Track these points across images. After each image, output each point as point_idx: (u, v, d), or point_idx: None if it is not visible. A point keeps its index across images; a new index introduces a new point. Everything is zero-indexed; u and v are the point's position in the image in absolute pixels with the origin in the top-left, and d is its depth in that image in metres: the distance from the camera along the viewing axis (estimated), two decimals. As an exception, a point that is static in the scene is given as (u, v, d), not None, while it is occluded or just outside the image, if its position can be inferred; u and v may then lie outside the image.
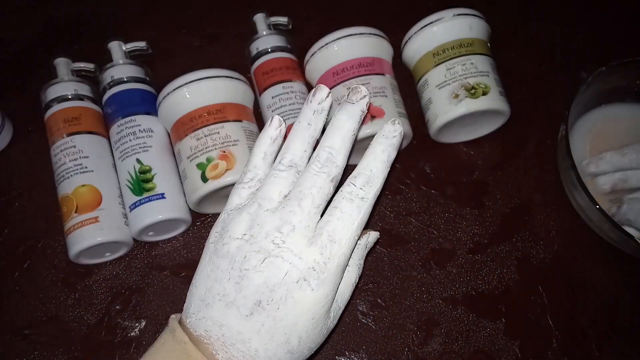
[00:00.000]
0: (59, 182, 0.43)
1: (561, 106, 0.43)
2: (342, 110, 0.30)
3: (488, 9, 0.47)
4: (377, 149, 0.30)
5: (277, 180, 0.29)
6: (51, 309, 0.42)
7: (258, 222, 0.28)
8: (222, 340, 0.27)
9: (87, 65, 0.49)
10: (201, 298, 0.28)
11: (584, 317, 0.42)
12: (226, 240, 0.29)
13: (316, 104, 0.30)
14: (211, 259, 0.29)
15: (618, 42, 0.53)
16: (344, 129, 0.30)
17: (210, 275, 0.28)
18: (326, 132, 0.30)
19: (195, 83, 0.42)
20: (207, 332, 0.28)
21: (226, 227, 0.29)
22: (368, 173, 0.29)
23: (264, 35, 0.48)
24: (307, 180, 0.29)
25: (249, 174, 0.31)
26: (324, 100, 0.30)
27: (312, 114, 0.30)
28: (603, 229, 0.42)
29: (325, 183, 0.29)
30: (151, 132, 0.44)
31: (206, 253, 0.30)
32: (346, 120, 0.30)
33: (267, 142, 0.31)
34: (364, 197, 0.29)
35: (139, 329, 0.42)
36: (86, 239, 0.40)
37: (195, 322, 0.28)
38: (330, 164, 0.29)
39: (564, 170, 0.44)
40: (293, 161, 0.30)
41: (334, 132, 0.30)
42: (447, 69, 0.44)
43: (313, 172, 0.29)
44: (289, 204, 0.28)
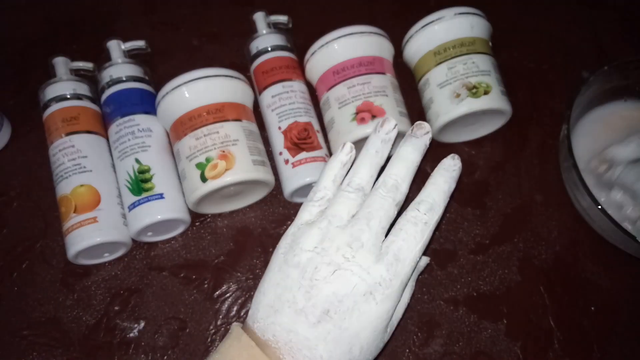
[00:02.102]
0: (57, 182, 0.42)
1: (562, 106, 0.43)
2: (407, 142, 0.33)
3: (489, 8, 0.47)
4: (439, 180, 0.32)
5: (346, 201, 0.32)
6: (50, 309, 0.42)
7: (329, 237, 0.30)
8: (290, 346, 0.29)
9: (86, 65, 0.48)
10: (270, 304, 0.30)
11: (586, 317, 0.42)
12: (297, 251, 0.31)
13: (384, 134, 0.33)
14: (281, 268, 0.31)
15: (619, 41, 0.53)
16: (408, 160, 0.32)
17: (280, 284, 0.30)
18: (392, 161, 0.33)
19: (194, 82, 0.42)
20: (275, 337, 0.29)
21: (297, 239, 0.31)
22: (431, 201, 0.32)
23: (263, 34, 0.47)
24: (375, 202, 0.31)
25: (319, 194, 0.33)
26: (391, 131, 0.33)
27: (380, 142, 0.33)
28: (605, 229, 0.41)
29: (390, 207, 0.31)
30: (150, 131, 0.43)
31: (275, 262, 0.32)
32: (411, 152, 0.33)
33: (337, 166, 0.34)
34: (427, 222, 0.31)
35: (137, 329, 0.41)
36: (85, 239, 0.40)
37: (264, 326, 0.30)
38: (395, 190, 0.32)
39: (565, 170, 0.43)
40: (361, 185, 0.32)
41: (399, 162, 0.32)
42: (448, 68, 0.44)
43: (380, 195, 0.31)
44: (358, 223, 0.31)
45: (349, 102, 0.43)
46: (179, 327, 0.41)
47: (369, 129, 0.42)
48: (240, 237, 0.45)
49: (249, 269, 0.43)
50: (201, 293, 0.43)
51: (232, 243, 0.45)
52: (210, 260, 0.44)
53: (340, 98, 0.44)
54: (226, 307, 0.42)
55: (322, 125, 0.46)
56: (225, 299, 0.42)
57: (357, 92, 0.43)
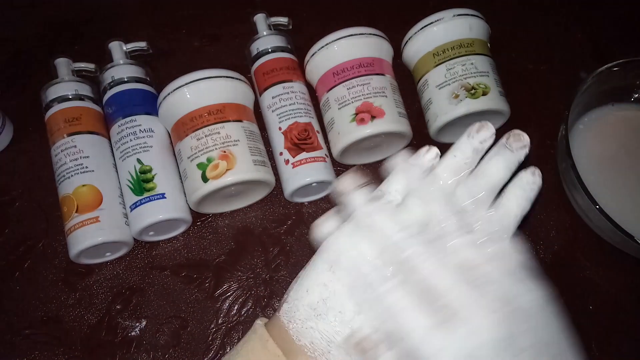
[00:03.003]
0: (59, 182, 0.43)
1: (561, 106, 0.43)
2: (501, 156, 0.28)
3: (488, 10, 0.47)
4: (512, 201, 0.28)
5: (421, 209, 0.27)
6: (52, 308, 0.43)
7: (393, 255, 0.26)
8: (327, 357, 0.26)
9: (88, 66, 0.49)
10: (312, 306, 0.26)
11: (584, 317, 0.42)
12: (357, 257, 0.26)
13: (477, 142, 0.29)
14: (332, 269, 0.27)
15: (618, 42, 0.53)
16: (497, 177, 0.28)
17: (329, 286, 0.26)
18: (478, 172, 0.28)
19: (195, 83, 0.42)
20: (312, 345, 0.26)
21: (360, 239, 0.27)
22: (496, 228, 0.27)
23: (264, 35, 0.48)
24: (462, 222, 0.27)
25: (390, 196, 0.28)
26: (487, 140, 0.29)
27: (472, 152, 0.29)
28: (603, 229, 0.42)
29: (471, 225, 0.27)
30: (152, 132, 0.44)
31: (324, 256, 0.27)
32: (503, 170, 0.28)
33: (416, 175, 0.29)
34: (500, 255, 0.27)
35: (139, 328, 0.42)
36: (87, 238, 0.40)
37: (302, 330, 0.26)
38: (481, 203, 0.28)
39: (563, 171, 0.44)
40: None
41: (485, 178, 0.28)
42: (447, 69, 0.44)
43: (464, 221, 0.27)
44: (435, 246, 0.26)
45: (349, 102, 0.43)
46: (180, 326, 0.42)
47: (368, 129, 0.42)
48: (241, 236, 0.45)
49: (250, 268, 0.44)
50: (202, 292, 0.43)
51: (233, 242, 0.45)
52: (211, 260, 0.44)
53: (340, 99, 0.44)
54: (227, 306, 0.42)
55: (322, 125, 0.46)
56: (226, 298, 0.43)
57: (357, 93, 0.43)
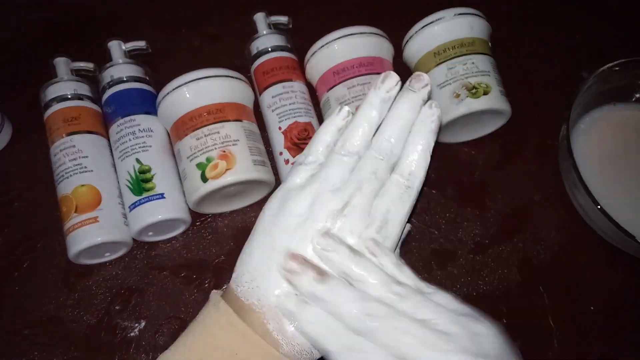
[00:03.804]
0: (58, 182, 0.43)
1: (562, 106, 0.43)
2: (403, 98, 0.30)
3: (489, 9, 0.47)
4: (417, 137, 0.30)
5: (339, 164, 0.30)
6: (51, 309, 0.42)
7: (319, 200, 0.29)
8: (275, 311, 0.27)
9: (87, 65, 0.48)
10: (255, 267, 0.28)
11: (585, 317, 0.42)
12: (286, 215, 0.29)
13: (384, 92, 0.30)
14: (268, 231, 0.29)
15: (619, 42, 0.53)
16: (404, 119, 0.30)
17: (267, 247, 0.29)
18: (386, 119, 0.30)
19: (195, 82, 0.42)
20: (259, 301, 0.28)
21: (286, 202, 0.30)
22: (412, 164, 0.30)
23: (264, 34, 0.47)
24: (368, 166, 0.29)
25: (310, 157, 0.31)
26: (392, 89, 0.30)
27: (379, 102, 0.30)
28: (604, 229, 0.41)
29: (384, 170, 0.30)
30: (151, 131, 0.44)
31: (261, 225, 0.30)
32: (408, 110, 0.30)
33: (332, 130, 0.32)
34: (410, 186, 0.30)
35: (138, 329, 0.42)
36: (86, 239, 0.40)
37: (248, 290, 0.28)
38: (390, 152, 0.30)
39: (564, 170, 0.44)
40: (355, 149, 0.30)
41: (394, 121, 0.30)
42: (448, 69, 0.44)
43: (373, 159, 0.30)
44: (351, 187, 0.29)
45: (349, 102, 0.43)
46: (179, 327, 0.42)
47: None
48: (241, 236, 0.45)
49: (250, 269, 0.44)
50: (202, 292, 0.43)
51: (233, 243, 0.45)
52: (210, 260, 0.44)
53: (340, 98, 0.44)
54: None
55: (322, 125, 0.46)
56: (226, 298, 0.43)
57: (357, 93, 0.43)
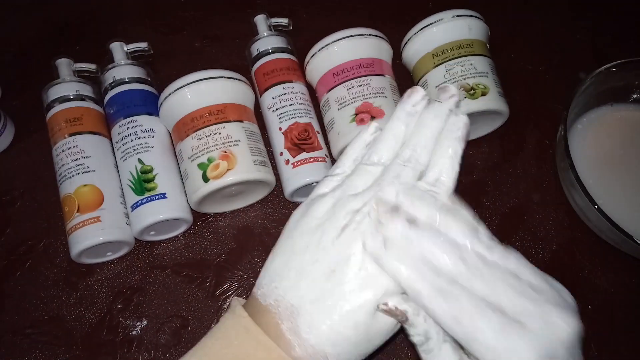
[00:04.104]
0: (60, 182, 0.43)
1: (560, 106, 0.44)
2: (429, 109, 0.31)
3: (487, 10, 0.47)
4: (443, 144, 0.30)
5: (363, 173, 0.30)
6: (53, 308, 0.43)
7: (340, 203, 0.29)
8: (290, 310, 0.27)
9: (89, 66, 0.49)
10: (276, 271, 0.29)
11: (583, 316, 0.41)
12: (308, 219, 0.29)
13: (410, 106, 0.31)
14: (291, 235, 0.29)
15: (616, 42, 0.54)
16: (429, 127, 0.30)
17: (288, 250, 0.29)
18: (413, 130, 0.31)
19: (196, 84, 0.42)
20: (276, 302, 0.28)
21: (309, 208, 0.30)
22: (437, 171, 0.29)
23: (264, 36, 0.48)
24: (391, 172, 0.29)
25: (338, 170, 0.32)
26: (418, 103, 0.31)
27: (405, 115, 0.31)
28: (602, 228, 0.42)
29: (408, 177, 0.29)
30: (153, 132, 0.44)
31: (286, 231, 0.30)
32: (432, 119, 0.30)
33: (360, 146, 0.33)
34: (436, 193, 0.29)
35: (140, 328, 0.42)
36: (88, 238, 0.40)
37: (267, 292, 0.28)
38: (414, 160, 0.29)
39: (562, 170, 0.44)
40: (380, 159, 0.30)
41: (419, 130, 0.30)
42: (446, 70, 0.44)
43: (397, 165, 0.29)
44: (372, 190, 0.29)
45: (349, 103, 0.44)
46: (181, 325, 0.42)
47: (368, 129, 0.42)
48: (242, 236, 0.45)
49: (250, 268, 0.44)
50: (203, 291, 0.43)
51: (234, 242, 0.45)
52: (212, 259, 0.44)
53: (340, 99, 0.44)
54: (228, 306, 0.42)
55: (322, 126, 0.46)
56: (227, 297, 0.43)
57: (357, 94, 0.43)
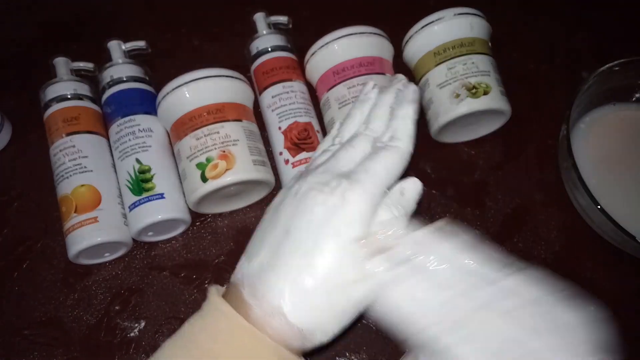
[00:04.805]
0: (58, 182, 0.43)
1: (562, 106, 0.43)
2: (381, 92, 0.35)
3: (489, 9, 0.47)
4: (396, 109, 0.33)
5: (324, 154, 0.33)
6: (50, 309, 0.42)
7: (302, 178, 0.31)
8: (252, 279, 0.28)
9: (87, 65, 0.48)
10: (247, 251, 0.30)
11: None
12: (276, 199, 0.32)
13: (363, 95, 0.36)
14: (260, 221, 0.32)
15: (619, 42, 0.53)
16: (379, 103, 0.34)
17: (255, 234, 0.31)
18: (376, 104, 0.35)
19: (194, 82, 0.42)
20: (242, 275, 0.29)
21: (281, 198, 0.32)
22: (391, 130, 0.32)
23: (263, 34, 0.47)
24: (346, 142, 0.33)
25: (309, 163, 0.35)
26: (369, 92, 0.35)
27: (359, 103, 0.35)
28: (604, 229, 0.41)
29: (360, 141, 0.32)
30: (150, 131, 0.44)
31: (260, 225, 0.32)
32: (382, 97, 0.34)
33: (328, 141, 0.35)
34: (390, 145, 0.31)
35: (138, 329, 0.41)
36: (85, 239, 0.40)
37: (236, 272, 0.30)
38: (368, 130, 0.33)
39: (565, 170, 0.44)
40: (342, 140, 0.34)
41: (373, 109, 0.34)
42: (448, 69, 0.44)
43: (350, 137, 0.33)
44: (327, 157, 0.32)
45: (349, 102, 0.43)
46: (179, 327, 0.41)
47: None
48: (241, 237, 0.45)
49: (249, 269, 0.44)
50: (202, 293, 0.43)
51: (233, 243, 0.45)
52: (210, 260, 0.44)
53: (340, 98, 0.44)
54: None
55: (322, 125, 0.46)
56: (226, 298, 0.43)
57: (357, 92, 0.43)
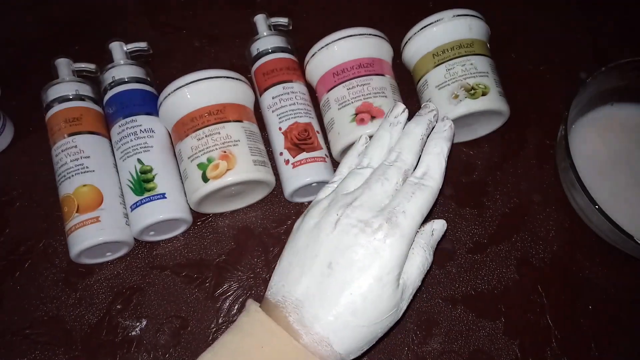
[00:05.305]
0: (60, 182, 0.43)
1: (560, 107, 0.44)
2: (412, 120, 0.35)
3: (487, 10, 0.47)
4: (430, 144, 0.34)
5: (355, 176, 0.34)
6: (52, 308, 0.43)
7: (333, 202, 0.32)
8: (296, 304, 0.30)
9: (88, 66, 0.49)
10: (283, 271, 0.32)
11: (583, 316, 0.42)
12: (307, 220, 0.33)
13: (392, 118, 0.35)
14: (293, 237, 0.33)
15: (617, 42, 0.54)
16: (412, 133, 0.34)
17: (292, 251, 0.32)
18: (398, 138, 0.35)
19: (196, 83, 0.42)
20: (284, 298, 0.31)
21: (308, 212, 0.33)
22: (424, 166, 0.33)
23: (264, 35, 0.48)
24: (378, 171, 0.33)
25: (335, 177, 0.36)
26: (399, 115, 0.35)
27: (388, 125, 0.35)
28: (602, 229, 0.42)
29: (393, 174, 0.32)
30: (152, 132, 0.44)
31: (290, 235, 0.34)
32: (414, 127, 0.34)
33: (354, 156, 0.37)
34: (425, 185, 0.32)
35: (139, 328, 0.42)
36: (87, 238, 0.40)
37: (275, 291, 0.31)
38: (400, 161, 0.33)
39: (563, 171, 0.44)
40: (370, 164, 0.34)
41: (403, 136, 0.34)
42: (446, 70, 0.44)
43: (384, 165, 0.33)
44: (362, 187, 0.33)
45: (349, 103, 0.43)
46: (180, 326, 0.42)
47: (368, 129, 0.42)
48: (242, 236, 0.45)
49: (250, 268, 0.44)
50: (203, 292, 0.43)
51: (233, 242, 0.45)
52: (211, 260, 0.44)
53: (340, 99, 0.44)
54: (227, 306, 0.42)
55: (322, 126, 0.46)
56: (227, 297, 0.43)
57: (357, 93, 0.43)
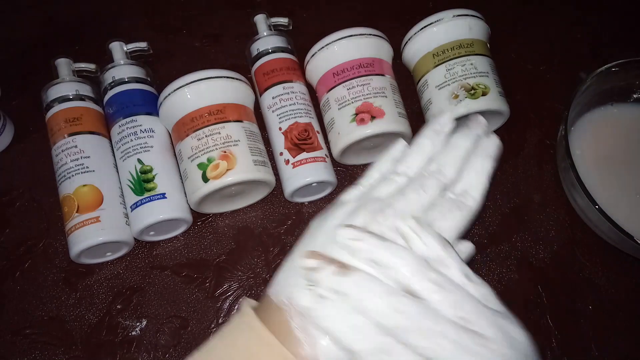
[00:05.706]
0: (60, 182, 0.43)
1: (560, 106, 0.44)
2: (459, 132, 0.32)
3: (487, 10, 0.47)
4: (474, 160, 0.31)
5: (389, 182, 0.31)
6: (52, 308, 0.43)
7: (361, 207, 0.29)
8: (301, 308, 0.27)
9: (89, 66, 0.49)
10: (290, 268, 0.29)
11: (583, 317, 0.42)
12: (329, 219, 0.29)
13: (438, 126, 0.32)
14: (311, 234, 0.30)
15: (617, 42, 0.54)
16: (456, 146, 0.31)
17: (298, 251, 0.29)
18: (442, 149, 0.32)
19: (196, 83, 0.42)
20: (288, 299, 0.28)
21: (330, 212, 0.30)
22: (465, 183, 0.30)
23: (264, 35, 0.48)
24: (416, 181, 0.30)
25: (363, 180, 0.33)
26: (445, 124, 0.33)
27: (432, 133, 0.32)
28: (602, 228, 0.42)
29: (432, 186, 0.30)
30: (152, 132, 0.44)
31: (307, 231, 0.31)
32: (460, 140, 0.32)
33: (387, 160, 0.33)
34: (464, 203, 0.30)
35: (139, 328, 0.42)
36: (87, 238, 0.40)
37: (279, 290, 0.28)
38: (440, 174, 0.30)
39: (563, 170, 0.44)
40: (407, 171, 0.31)
41: (447, 148, 0.32)
42: (446, 70, 0.44)
43: (421, 176, 0.30)
44: (395, 195, 0.29)
45: (349, 103, 0.43)
46: (180, 326, 0.42)
47: (368, 130, 0.42)
48: (242, 236, 0.45)
49: (250, 268, 0.44)
50: (203, 292, 0.43)
51: (233, 242, 0.45)
52: (211, 260, 0.44)
53: (340, 99, 0.44)
54: (227, 306, 0.42)
55: (322, 126, 0.46)
56: (227, 297, 0.43)
57: (357, 93, 0.43)
